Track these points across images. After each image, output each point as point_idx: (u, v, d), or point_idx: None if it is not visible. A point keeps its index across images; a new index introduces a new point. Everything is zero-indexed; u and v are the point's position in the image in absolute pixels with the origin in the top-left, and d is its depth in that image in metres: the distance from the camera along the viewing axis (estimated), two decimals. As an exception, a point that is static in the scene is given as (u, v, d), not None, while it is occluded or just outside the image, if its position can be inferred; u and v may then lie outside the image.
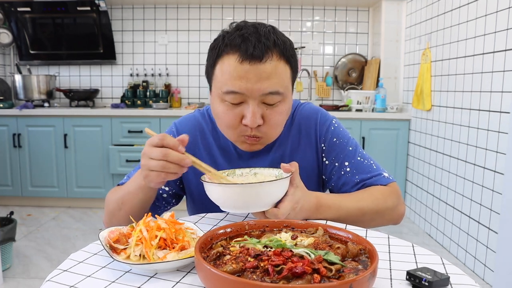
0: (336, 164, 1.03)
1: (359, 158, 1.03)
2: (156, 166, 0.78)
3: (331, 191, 1.07)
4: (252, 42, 0.84)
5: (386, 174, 1.02)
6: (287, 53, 0.89)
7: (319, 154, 1.06)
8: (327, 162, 1.05)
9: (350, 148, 1.04)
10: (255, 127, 0.89)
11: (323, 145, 1.05)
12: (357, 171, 1.01)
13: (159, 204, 1.05)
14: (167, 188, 1.05)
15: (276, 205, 0.83)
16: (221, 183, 0.83)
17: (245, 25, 0.89)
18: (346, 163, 1.02)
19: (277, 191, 0.81)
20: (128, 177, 1.04)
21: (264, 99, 0.88)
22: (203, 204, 1.05)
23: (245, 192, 0.79)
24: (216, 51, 0.89)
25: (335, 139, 1.04)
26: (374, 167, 1.03)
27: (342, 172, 1.02)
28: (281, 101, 0.90)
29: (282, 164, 0.87)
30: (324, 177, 1.07)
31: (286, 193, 0.84)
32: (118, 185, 1.04)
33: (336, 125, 1.06)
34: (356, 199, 0.95)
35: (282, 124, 0.95)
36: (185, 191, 1.10)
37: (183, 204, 1.16)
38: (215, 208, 1.03)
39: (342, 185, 1.02)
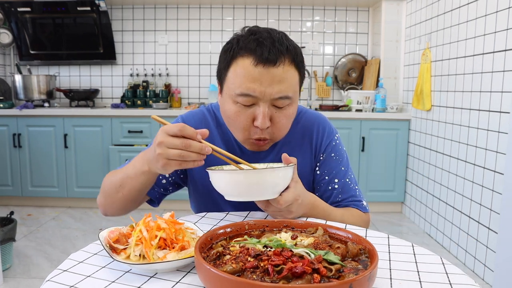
0: (326, 177, 1.09)
1: (347, 180, 1.10)
2: (176, 155, 0.78)
3: None
4: (266, 46, 0.88)
5: (365, 203, 1.11)
6: (298, 59, 0.93)
7: (315, 162, 1.11)
8: (318, 172, 1.11)
9: (343, 168, 1.11)
10: (265, 129, 0.94)
11: (321, 156, 1.10)
12: (343, 191, 1.09)
13: (157, 189, 1.08)
14: (167, 175, 1.08)
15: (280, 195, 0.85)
16: (227, 170, 0.85)
17: (258, 30, 0.92)
18: (336, 180, 1.09)
19: (282, 179, 0.83)
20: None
21: (274, 102, 0.92)
22: (207, 192, 1.08)
23: (251, 178, 0.80)
24: (231, 54, 0.92)
25: (333, 154, 1.11)
26: (357, 193, 1.11)
27: (330, 188, 1.09)
28: (289, 104, 0.95)
29: (284, 154, 0.89)
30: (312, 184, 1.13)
31: (288, 185, 0.87)
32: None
33: (338, 141, 1.13)
34: (340, 214, 1.02)
35: (288, 126, 1.00)
36: (186, 182, 1.14)
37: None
38: (219, 197, 1.05)
39: (326, 198, 1.09)
